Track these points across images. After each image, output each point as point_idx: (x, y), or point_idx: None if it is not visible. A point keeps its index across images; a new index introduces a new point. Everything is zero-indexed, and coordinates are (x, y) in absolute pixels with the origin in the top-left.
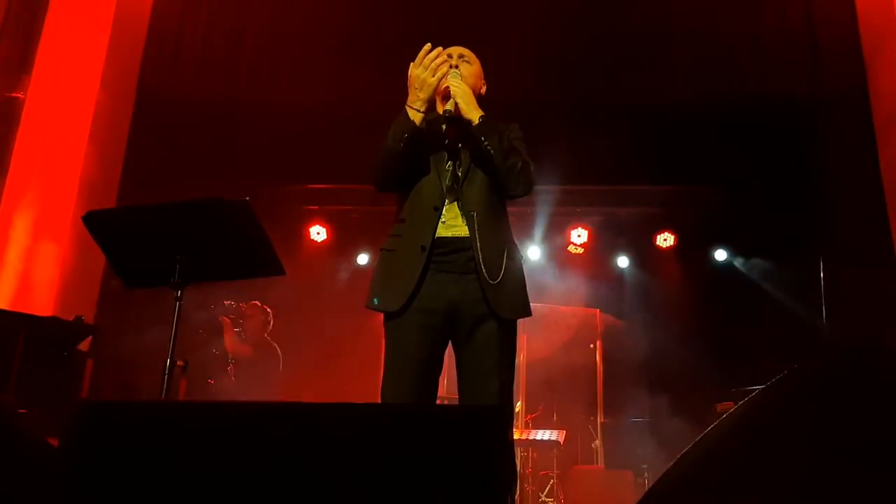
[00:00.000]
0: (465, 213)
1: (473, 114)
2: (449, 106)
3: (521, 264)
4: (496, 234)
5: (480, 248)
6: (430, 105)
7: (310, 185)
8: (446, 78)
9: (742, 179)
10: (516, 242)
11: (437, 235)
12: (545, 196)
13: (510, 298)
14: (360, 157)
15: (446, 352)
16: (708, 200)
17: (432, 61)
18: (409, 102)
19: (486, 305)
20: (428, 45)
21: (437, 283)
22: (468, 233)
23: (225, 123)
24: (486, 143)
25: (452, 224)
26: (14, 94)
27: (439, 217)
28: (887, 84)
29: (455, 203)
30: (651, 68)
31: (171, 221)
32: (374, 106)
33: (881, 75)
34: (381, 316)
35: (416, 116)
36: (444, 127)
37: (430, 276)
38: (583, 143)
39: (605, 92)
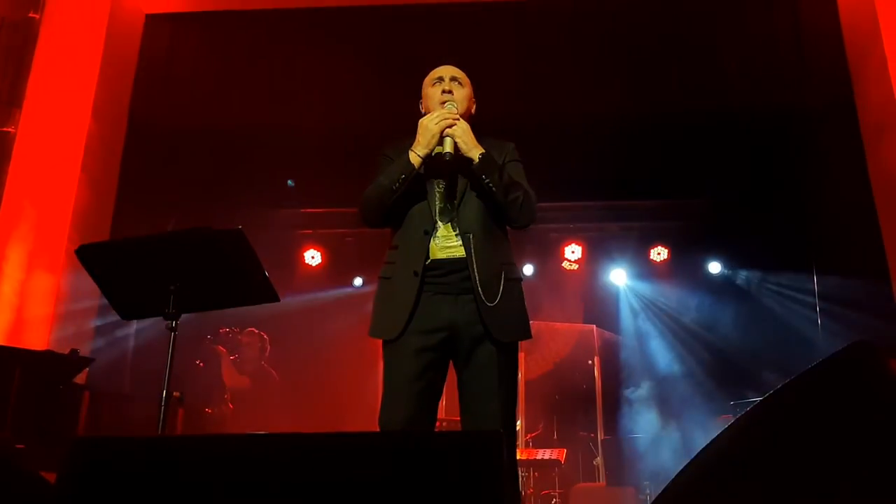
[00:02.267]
0: (462, 235)
1: (473, 152)
2: (448, 148)
3: (520, 286)
4: (493, 255)
5: (478, 271)
6: (431, 150)
7: (303, 210)
8: (440, 111)
9: (733, 191)
10: (515, 263)
11: (432, 257)
12: (538, 213)
13: (508, 321)
14: (353, 180)
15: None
16: (700, 213)
17: (442, 112)
18: (412, 147)
19: (484, 328)
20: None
21: (434, 305)
22: (463, 253)
23: (217, 150)
24: (487, 181)
25: (447, 245)
26: (5, 129)
27: (429, 241)
28: (873, 93)
29: (449, 224)
30: (640, 83)
31: (165, 252)
32: (365, 129)
33: (867, 85)
34: (380, 340)
35: (415, 160)
36: (448, 159)
37: (427, 297)
38: (574, 159)
39: (595, 107)
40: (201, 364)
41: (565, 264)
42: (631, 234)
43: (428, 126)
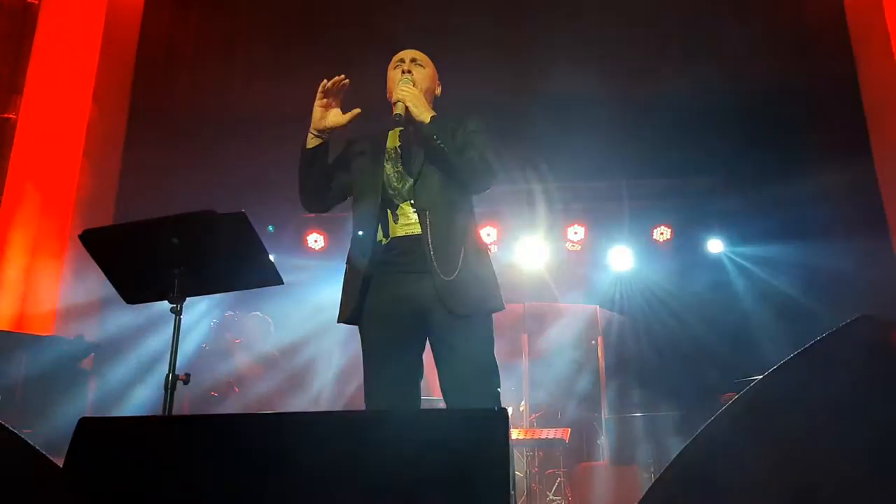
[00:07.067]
0: (419, 212)
1: (424, 115)
2: (399, 110)
3: (485, 258)
4: (452, 231)
5: (434, 247)
6: (327, 131)
7: None
8: (397, 84)
9: (735, 170)
10: (478, 235)
11: (392, 235)
12: (541, 194)
13: (467, 293)
14: None
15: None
16: (702, 192)
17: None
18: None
19: (441, 303)
20: (324, 81)
21: (396, 285)
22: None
23: (219, 133)
24: (438, 141)
25: (406, 223)
26: (6, 115)
27: (378, 219)
28: (875, 70)
29: (408, 202)
30: (641, 62)
31: (168, 236)
32: (367, 113)
33: (869, 62)
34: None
35: (310, 141)
36: (398, 121)
37: (392, 277)
38: (577, 139)
39: (597, 87)
40: (206, 347)
41: (568, 245)
42: (634, 214)
43: (316, 106)
